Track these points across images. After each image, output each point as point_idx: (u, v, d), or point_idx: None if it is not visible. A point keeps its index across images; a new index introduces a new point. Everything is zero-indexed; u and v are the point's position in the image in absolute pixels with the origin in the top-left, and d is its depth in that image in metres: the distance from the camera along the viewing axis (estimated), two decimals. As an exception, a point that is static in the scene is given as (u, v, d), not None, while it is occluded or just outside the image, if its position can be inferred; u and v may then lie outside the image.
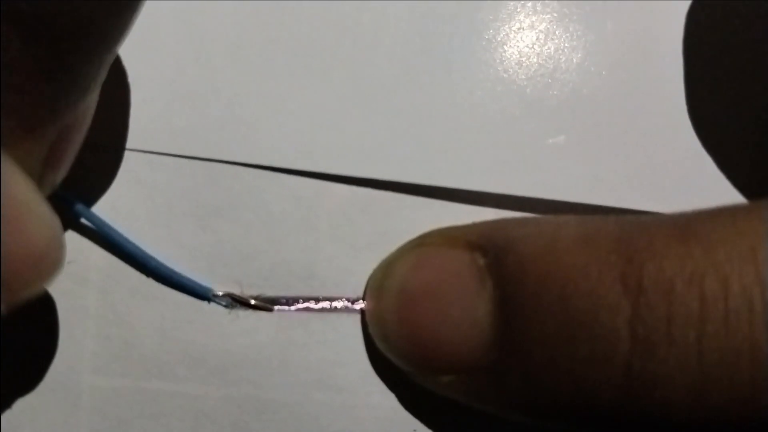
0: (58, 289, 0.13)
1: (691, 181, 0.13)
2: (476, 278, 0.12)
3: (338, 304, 0.14)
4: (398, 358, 0.13)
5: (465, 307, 0.12)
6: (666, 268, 0.11)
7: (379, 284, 0.13)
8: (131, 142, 0.14)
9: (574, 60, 0.14)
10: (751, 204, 0.12)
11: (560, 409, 0.11)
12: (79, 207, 0.13)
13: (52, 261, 0.10)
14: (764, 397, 0.10)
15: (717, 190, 0.13)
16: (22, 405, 0.13)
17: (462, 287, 0.12)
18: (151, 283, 0.14)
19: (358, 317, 0.14)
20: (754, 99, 0.14)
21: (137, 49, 0.13)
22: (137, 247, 0.13)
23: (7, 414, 0.13)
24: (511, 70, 0.14)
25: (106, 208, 0.13)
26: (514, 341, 0.11)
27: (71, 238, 0.13)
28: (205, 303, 0.14)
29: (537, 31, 0.14)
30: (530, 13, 0.14)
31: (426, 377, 0.13)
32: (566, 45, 0.14)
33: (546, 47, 0.14)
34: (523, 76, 0.14)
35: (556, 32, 0.14)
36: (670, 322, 0.10)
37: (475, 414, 0.13)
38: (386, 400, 0.14)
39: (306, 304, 0.14)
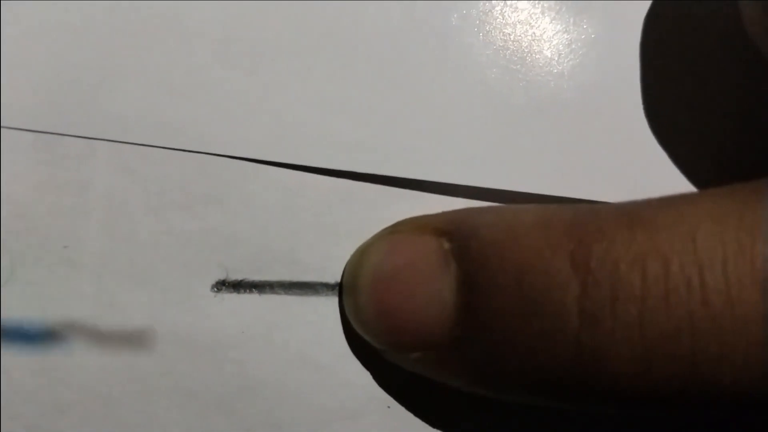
0: (55, 272, 0.14)
1: (646, 174, 0.14)
2: (442, 261, 0.13)
3: (318, 287, 0.15)
4: (371, 336, 0.14)
5: (431, 288, 0.13)
6: (612, 251, 0.11)
7: (355, 269, 0.14)
8: (127, 136, 0.15)
9: (540, 60, 0.15)
10: (694, 193, 0.13)
11: (519, 383, 0.12)
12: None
13: None
14: (704, 370, 0.11)
15: (671, 183, 0.14)
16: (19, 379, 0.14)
17: (429, 270, 0.13)
18: (142, 267, 0.14)
19: (336, 300, 0.15)
20: (706, 99, 0.15)
21: (130, 45, 0.14)
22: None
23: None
24: (480, 70, 0.15)
25: (102, 198, 0.14)
26: (475, 319, 0.12)
27: (68, 224, 0.14)
28: (193, 286, 0.15)
29: (507, 30, 0.15)
30: (498, 15, 0.15)
31: (397, 354, 0.14)
32: (534, 47, 0.15)
33: (518, 45, 0.15)
34: (492, 76, 0.15)
35: (528, 32, 0.15)
36: (615, 299, 0.11)
37: (445, 391, 0.14)
38: (362, 377, 0.14)
39: (288, 288, 0.15)
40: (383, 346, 0.14)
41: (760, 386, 0.11)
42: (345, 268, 0.15)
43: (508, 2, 0.15)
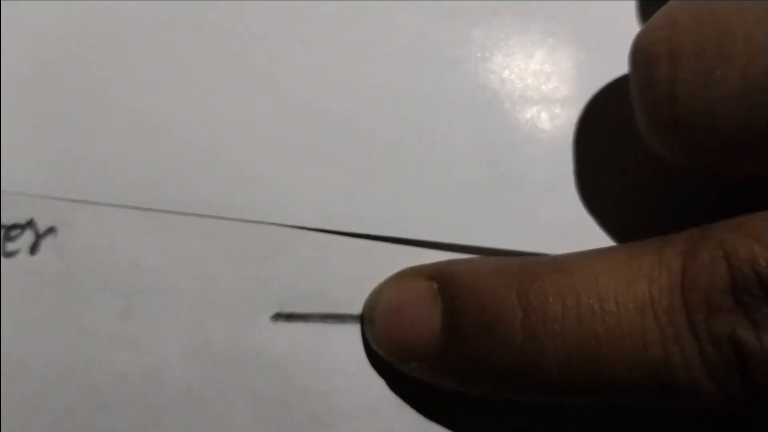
0: (160, 311, 0.20)
1: (578, 230, 0.20)
2: (431, 298, 0.18)
3: (346, 318, 0.20)
4: (383, 352, 0.19)
5: (424, 317, 0.18)
6: (543, 288, 0.17)
7: (371, 304, 0.20)
8: (210, 211, 0.21)
9: (502, 139, 0.21)
10: (604, 248, 0.18)
11: (484, 381, 0.18)
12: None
13: None
14: (606, 368, 0.16)
15: (597, 239, 0.20)
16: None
17: (422, 304, 0.18)
18: (223, 305, 0.20)
19: (359, 327, 0.20)
20: (622, 178, 0.20)
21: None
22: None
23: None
24: (456, 154, 0.21)
25: (193, 257, 0.20)
26: (453, 337, 0.18)
27: (169, 276, 0.20)
28: (258, 317, 0.20)
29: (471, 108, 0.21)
30: (465, 92, 0.21)
31: (401, 364, 0.19)
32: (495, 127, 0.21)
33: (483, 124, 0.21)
34: (465, 155, 0.21)
35: (489, 115, 0.21)
36: (545, 320, 0.17)
37: (439, 391, 0.19)
38: (378, 382, 0.20)
39: (325, 318, 0.20)
40: (392, 358, 0.19)
41: (648, 380, 0.16)
42: (365, 304, 0.20)
43: (478, 82, 0.21)
